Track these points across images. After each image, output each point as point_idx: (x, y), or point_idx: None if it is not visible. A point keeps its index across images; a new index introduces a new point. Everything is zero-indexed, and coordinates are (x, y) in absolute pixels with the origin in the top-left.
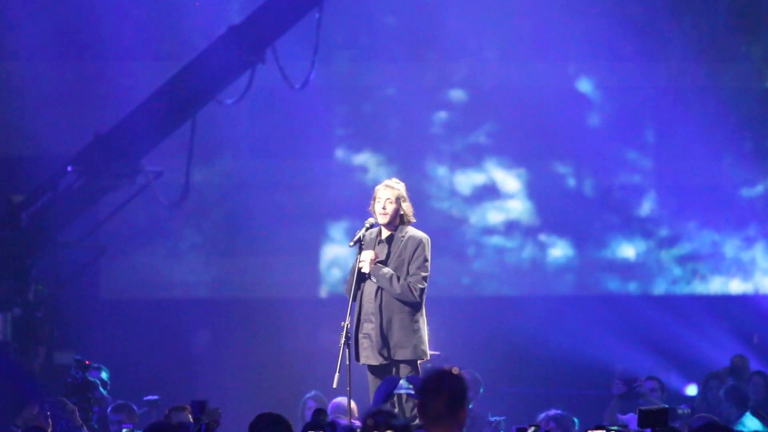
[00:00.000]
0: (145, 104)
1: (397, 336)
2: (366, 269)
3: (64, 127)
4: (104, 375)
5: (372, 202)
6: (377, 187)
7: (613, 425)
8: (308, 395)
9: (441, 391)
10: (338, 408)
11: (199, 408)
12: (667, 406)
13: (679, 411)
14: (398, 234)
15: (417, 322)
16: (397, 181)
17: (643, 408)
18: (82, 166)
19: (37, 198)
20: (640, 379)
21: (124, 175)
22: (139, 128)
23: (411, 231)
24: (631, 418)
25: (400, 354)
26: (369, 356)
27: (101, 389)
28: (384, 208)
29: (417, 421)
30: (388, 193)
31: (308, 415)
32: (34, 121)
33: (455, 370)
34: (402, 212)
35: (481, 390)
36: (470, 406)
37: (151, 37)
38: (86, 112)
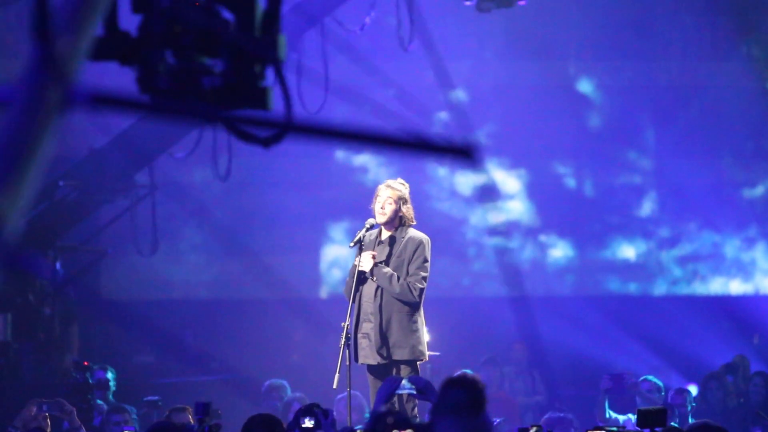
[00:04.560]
0: (129, 129)
1: (395, 336)
2: (366, 268)
3: (67, 128)
4: (110, 375)
5: (373, 200)
6: (380, 186)
7: (605, 421)
8: (292, 396)
9: (465, 384)
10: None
11: (203, 409)
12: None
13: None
14: (398, 235)
15: (416, 323)
16: (402, 182)
17: (642, 408)
18: (74, 181)
19: (34, 206)
20: (627, 374)
21: (118, 190)
22: (132, 146)
23: (411, 232)
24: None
25: (398, 354)
26: (367, 356)
27: (106, 391)
28: (383, 208)
29: (418, 420)
30: (389, 192)
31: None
32: None
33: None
34: (401, 214)
35: None
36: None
37: None
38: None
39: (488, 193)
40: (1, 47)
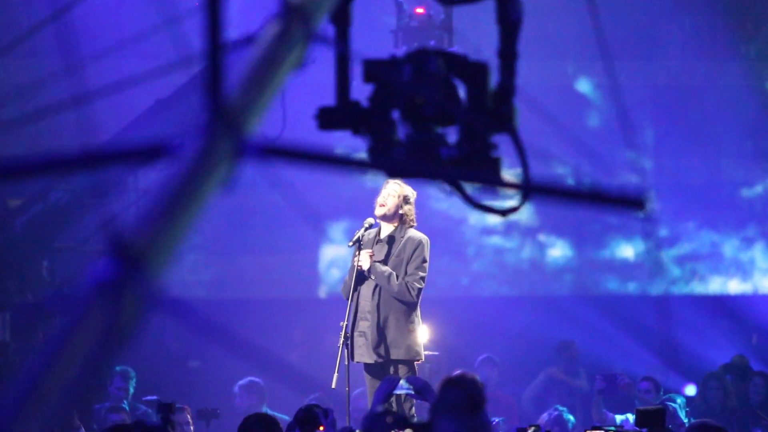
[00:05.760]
0: (127, 128)
1: (392, 335)
2: (365, 266)
3: (66, 128)
4: (130, 376)
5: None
6: (387, 180)
7: (601, 422)
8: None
9: (464, 384)
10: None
11: (167, 409)
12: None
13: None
14: (398, 234)
15: (412, 322)
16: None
17: (641, 408)
18: (67, 184)
19: (30, 207)
20: (620, 375)
21: (110, 193)
22: (124, 150)
23: (411, 232)
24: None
25: (395, 353)
26: (363, 354)
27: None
28: (384, 199)
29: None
30: (394, 188)
31: None
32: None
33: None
34: (402, 212)
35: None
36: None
37: (150, 38)
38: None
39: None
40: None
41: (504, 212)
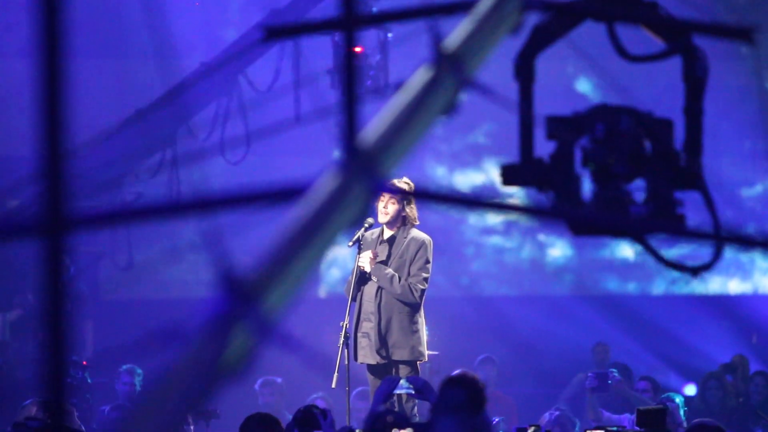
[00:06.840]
0: (122, 127)
1: (395, 336)
2: (367, 268)
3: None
4: (136, 374)
5: (377, 198)
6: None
7: (597, 420)
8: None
9: (465, 383)
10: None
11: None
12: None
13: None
14: (400, 235)
15: (416, 323)
16: (407, 181)
17: (641, 408)
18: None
19: (29, 207)
20: (611, 372)
21: (102, 195)
22: (118, 151)
23: (414, 232)
24: (624, 419)
25: (398, 354)
26: (367, 355)
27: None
28: (385, 207)
29: (418, 419)
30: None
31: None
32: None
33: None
34: (405, 214)
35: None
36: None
37: (151, 37)
38: (86, 111)
39: None
40: None
41: (695, 270)
